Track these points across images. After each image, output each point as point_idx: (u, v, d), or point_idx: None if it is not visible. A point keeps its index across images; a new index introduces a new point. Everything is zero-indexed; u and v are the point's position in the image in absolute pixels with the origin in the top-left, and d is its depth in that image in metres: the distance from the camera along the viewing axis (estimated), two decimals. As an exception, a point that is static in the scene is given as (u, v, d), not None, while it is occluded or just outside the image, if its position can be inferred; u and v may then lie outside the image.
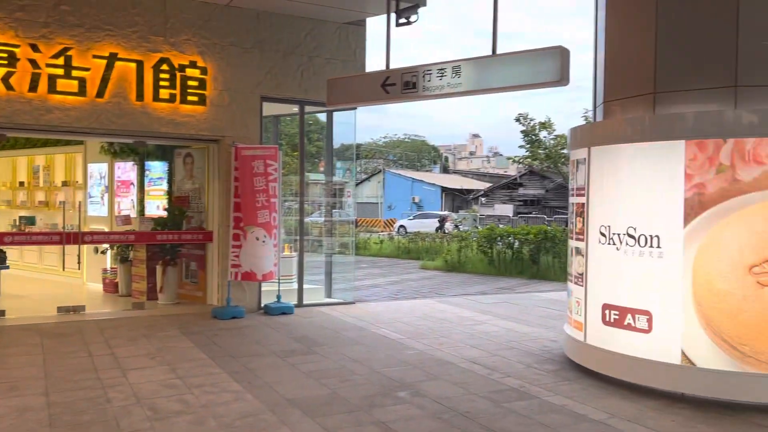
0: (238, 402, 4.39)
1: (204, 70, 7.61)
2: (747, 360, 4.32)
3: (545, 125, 25.70)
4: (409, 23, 7.41)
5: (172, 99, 7.43)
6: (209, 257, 8.14)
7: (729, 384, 4.37)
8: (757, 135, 4.29)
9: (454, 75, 6.60)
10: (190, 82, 7.54)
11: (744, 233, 4.33)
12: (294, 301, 8.18)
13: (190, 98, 7.54)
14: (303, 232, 8.49)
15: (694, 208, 4.45)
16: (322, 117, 9.38)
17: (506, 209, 37.25)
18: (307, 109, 8.60)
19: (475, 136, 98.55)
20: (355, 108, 8.38)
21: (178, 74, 7.47)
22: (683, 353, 4.51)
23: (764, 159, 4.27)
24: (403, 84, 6.82)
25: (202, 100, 7.61)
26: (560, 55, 5.70)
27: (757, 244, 4.28)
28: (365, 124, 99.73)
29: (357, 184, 50.81)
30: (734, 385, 4.36)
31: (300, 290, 8.35)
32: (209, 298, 8.12)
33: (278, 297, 7.89)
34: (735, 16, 4.55)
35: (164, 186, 9.01)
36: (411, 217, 34.89)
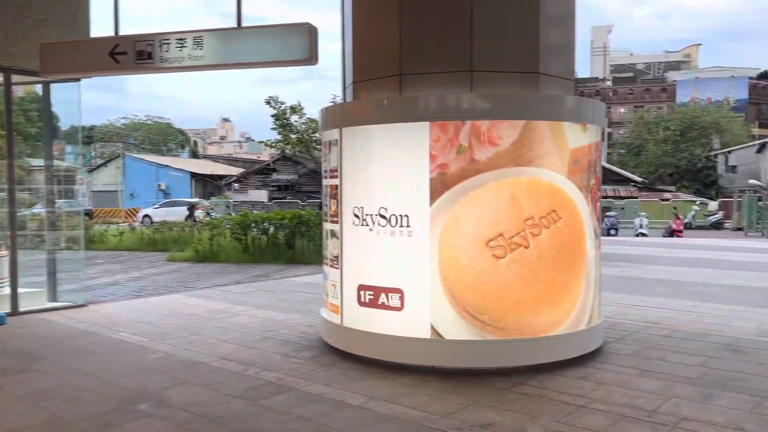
0: None
1: None
2: (487, 328, 4.62)
3: (295, 109, 25.84)
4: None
5: None
6: None
7: (473, 353, 4.64)
8: (490, 117, 4.57)
9: (195, 46, 6.01)
10: None
11: (481, 210, 4.59)
12: (6, 308, 6.82)
13: None
14: (15, 226, 7.10)
15: (438, 187, 4.60)
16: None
17: (260, 195, 36.86)
18: (17, 79, 7.18)
19: (226, 120, 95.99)
20: (77, 80, 7.22)
21: None
22: (432, 327, 4.66)
23: (497, 140, 4.57)
24: (137, 53, 6.02)
25: None
26: (308, 33, 5.50)
27: (492, 219, 4.58)
28: (100, 103, 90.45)
29: (92, 171, 45.91)
30: (477, 354, 4.64)
31: (14, 295, 6.98)
32: None
33: (-16, 306, 6.49)
34: (469, 3, 4.78)
35: None
36: (157, 206, 32.52)
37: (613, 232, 19.96)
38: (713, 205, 31.03)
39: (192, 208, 28.59)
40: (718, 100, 64.41)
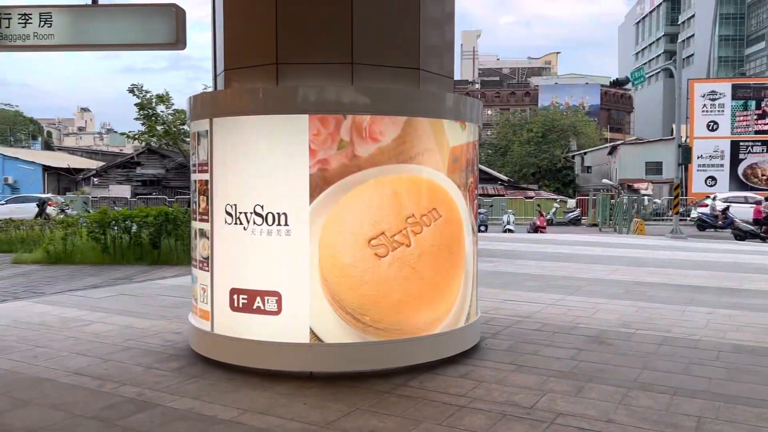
0: None
1: None
2: (368, 329, 4.47)
3: (162, 99, 24.33)
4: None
5: None
6: None
7: (354, 356, 4.47)
8: (372, 112, 4.42)
9: (43, 23, 5.33)
10: None
11: (362, 208, 4.43)
12: None
13: None
14: None
15: (318, 184, 4.37)
16: None
17: (123, 190, 34.51)
18: None
19: (85, 110, 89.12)
20: None
21: None
22: (312, 331, 4.43)
23: (378, 136, 4.42)
24: (-32, 26, 5.24)
25: None
26: (175, 15, 5.07)
27: (374, 217, 4.43)
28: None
29: None
30: (358, 356, 4.48)
31: None
32: None
33: None
34: (350, -8, 4.59)
35: None
36: (2, 202, 29.39)
37: (483, 228, 20.80)
38: (571, 202, 33.45)
39: (43, 204, 26.07)
40: (575, 105, 69.62)
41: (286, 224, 4.41)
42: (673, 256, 13.10)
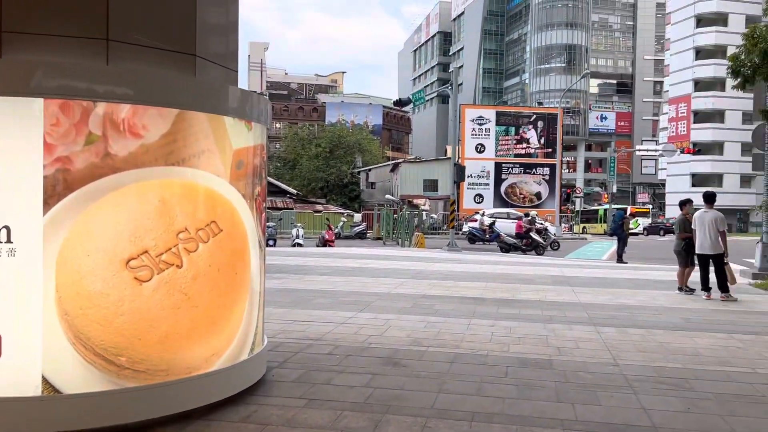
0: None
1: None
2: (125, 373, 3.56)
3: None
4: None
5: None
6: None
7: (105, 408, 3.52)
8: (134, 101, 3.56)
9: None
10: None
11: (119, 220, 3.53)
12: None
13: None
14: None
15: (57, 189, 3.38)
16: None
17: None
18: None
19: None
20: None
21: None
22: (45, 380, 3.40)
23: (141, 131, 3.57)
24: None
25: None
26: None
27: (134, 232, 3.56)
28: None
29: None
30: (110, 408, 3.54)
31: None
32: None
33: None
34: (106, -49, 3.69)
35: None
36: None
37: (271, 242, 20.10)
38: (358, 216, 34.31)
39: None
40: (360, 123, 72.39)
41: (8, 241, 3.34)
42: (452, 268, 13.75)
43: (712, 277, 9.56)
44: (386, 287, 10.06)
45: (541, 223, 25.29)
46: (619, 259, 18.43)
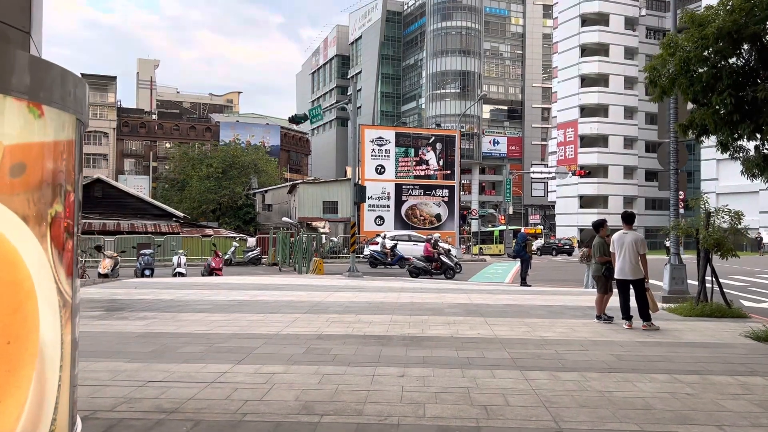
0: None
1: None
2: None
3: None
4: None
5: None
6: None
7: None
8: None
9: None
10: None
11: None
12: None
13: None
14: None
15: None
16: None
17: None
18: None
19: None
20: None
21: None
22: None
23: None
24: None
25: None
26: None
27: None
28: None
29: None
30: None
31: None
32: None
33: None
34: None
35: None
36: None
37: (148, 272, 17.82)
38: (251, 241, 32.18)
39: None
40: (256, 144, 70.02)
41: None
42: (353, 298, 12.41)
43: (632, 303, 8.86)
44: (276, 326, 8.54)
45: (444, 246, 24.61)
46: (523, 282, 17.89)
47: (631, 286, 8.87)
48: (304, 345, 7.19)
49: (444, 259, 21.40)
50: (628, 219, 9.01)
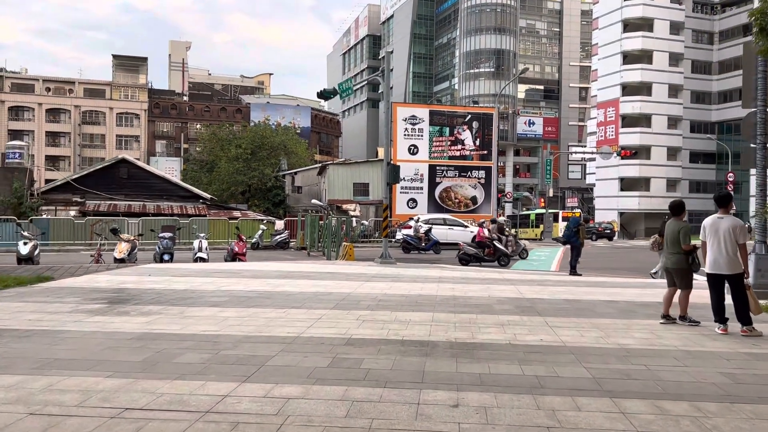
0: None
1: None
2: None
3: None
4: None
5: None
6: None
7: None
8: None
9: None
10: None
11: None
12: None
13: None
14: None
15: None
16: None
17: None
18: None
19: None
20: None
21: None
22: None
23: None
24: None
25: None
26: None
27: None
28: None
29: None
30: None
31: None
32: None
33: None
34: None
35: None
36: None
37: (167, 257, 16.68)
38: (280, 224, 31.00)
39: None
40: (286, 125, 68.90)
41: None
42: (387, 289, 11.03)
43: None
44: (297, 326, 7.21)
45: (511, 232, 22.94)
46: (573, 271, 16.28)
47: (726, 283, 7.29)
48: (329, 354, 5.84)
49: (497, 244, 19.78)
50: (723, 200, 7.37)
